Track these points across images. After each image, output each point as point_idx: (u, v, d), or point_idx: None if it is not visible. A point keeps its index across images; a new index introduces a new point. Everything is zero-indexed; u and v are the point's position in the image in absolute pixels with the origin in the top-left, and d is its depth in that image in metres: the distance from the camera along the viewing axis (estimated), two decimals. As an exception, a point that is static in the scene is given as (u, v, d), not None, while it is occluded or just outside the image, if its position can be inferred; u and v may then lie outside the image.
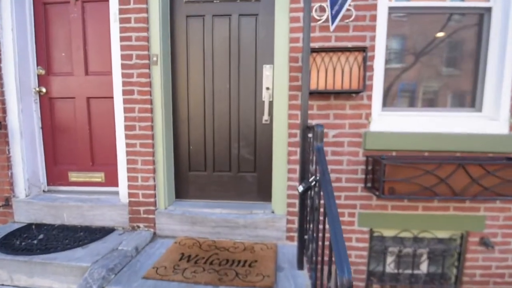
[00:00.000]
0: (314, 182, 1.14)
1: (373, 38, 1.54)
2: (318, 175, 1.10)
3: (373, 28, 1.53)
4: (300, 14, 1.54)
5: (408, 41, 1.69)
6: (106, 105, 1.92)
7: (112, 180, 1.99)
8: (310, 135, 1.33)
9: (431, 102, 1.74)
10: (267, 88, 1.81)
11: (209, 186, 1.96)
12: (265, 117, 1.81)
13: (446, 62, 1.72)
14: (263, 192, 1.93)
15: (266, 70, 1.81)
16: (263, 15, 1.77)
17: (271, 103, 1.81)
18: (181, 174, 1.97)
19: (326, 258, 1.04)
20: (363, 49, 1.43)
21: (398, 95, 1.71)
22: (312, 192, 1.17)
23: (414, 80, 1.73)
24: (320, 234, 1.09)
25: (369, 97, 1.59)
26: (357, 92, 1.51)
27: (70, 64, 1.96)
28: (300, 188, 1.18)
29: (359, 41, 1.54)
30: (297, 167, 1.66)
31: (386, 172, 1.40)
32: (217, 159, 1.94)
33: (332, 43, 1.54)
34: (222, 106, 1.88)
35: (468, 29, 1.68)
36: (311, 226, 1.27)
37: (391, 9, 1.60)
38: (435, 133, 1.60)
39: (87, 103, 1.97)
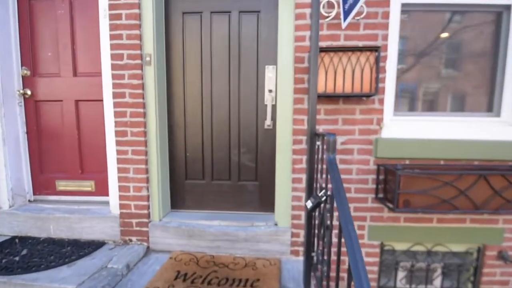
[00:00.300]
0: (324, 197, 1.02)
1: (385, 37, 1.41)
2: (329, 189, 0.98)
3: (385, 26, 1.41)
4: (307, 11, 1.41)
5: (420, 40, 1.57)
6: (96, 108, 1.78)
7: (103, 189, 1.85)
8: (318, 143, 1.21)
9: (445, 106, 1.62)
10: (270, 91, 1.68)
11: (207, 195, 1.83)
12: (268, 121, 1.69)
13: (460, 63, 1.60)
14: (265, 202, 1.80)
15: (269, 71, 1.68)
16: (265, 12, 1.64)
17: (274, 107, 1.68)
18: (177, 183, 1.84)
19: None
20: (375, 49, 1.31)
21: (410, 98, 1.59)
22: (322, 209, 1.04)
23: (427, 82, 1.61)
24: (334, 257, 0.97)
25: (381, 101, 1.46)
26: (368, 96, 1.39)
27: (57, 65, 1.81)
28: (309, 204, 1.05)
29: (371, 40, 1.41)
30: (303, 176, 1.53)
31: (401, 183, 1.28)
32: (216, 166, 1.81)
33: (341, 42, 1.42)
34: (221, 109, 1.75)
35: (484, 28, 1.56)
36: (320, 243, 1.14)
37: (404, 6, 1.48)
38: (450, 140, 1.48)
39: (76, 106, 1.83)
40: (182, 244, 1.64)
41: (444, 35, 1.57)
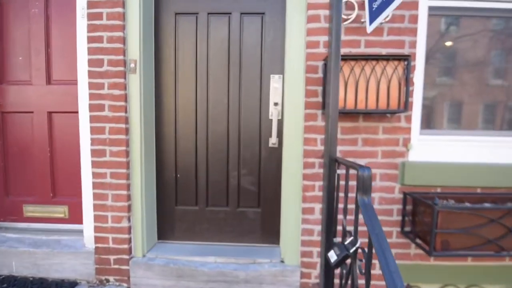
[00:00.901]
0: (354, 249, 0.77)
1: (413, 44, 1.21)
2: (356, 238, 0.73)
3: (413, 32, 1.20)
4: (321, 12, 1.20)
5: (450, 48, 1.37)
6: (72, 121, 1.52)
7: (78, 216, 1.57)
8: (339, 171, 0.98)
9: (480, 124, 1.40)
10: (276, 104, 1.45)
11: (201, 224, 1.57)
12: (273, 139, 1.45)
13: (498, 74, 1.40)
14: (269, 233, 1.54)
15: (275, 82, 1.46)
16: (271, 14, 1.43)
17: (280, 122, 1.45)
18: (166, 209, 1.57)
19: None
20: (404, 58, 1.09)
21: (440, 114, 1.38)
22: (351, 265, 0.79)
23: (458, 96, 1.40)
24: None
25: (408, 118, 1.24)
26: (394, 113, 1.16)
27: (28, 71, 1.56)
28: (332, 257, 0.80)
29: (396, 47, 1.20)
30: (316, 206, 1.29)
31: (439, 221, 1.04)
32: (212, 190, 1.55)
33: (362, 49, 1.21)
34: (219, 124, 1.51)
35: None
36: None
37: (432, 10, 1.29)
38: (491, 164, 1.26)
39: (49, 118, 1.57)
40: (169, 286, 1.36)
41: (478, 43, 1.37)
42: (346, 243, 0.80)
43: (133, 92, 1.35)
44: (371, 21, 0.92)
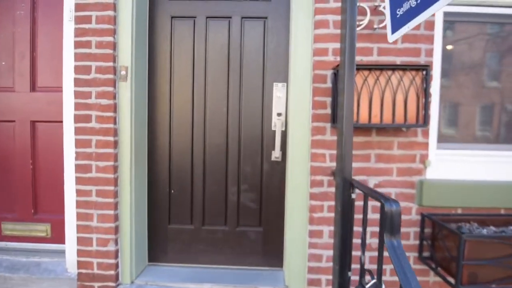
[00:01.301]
0: (375, 294, 0.64)
1: (429, 53, 1.11)
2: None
3: (429, 39, 1.10)
4: (330, 17, 1.10)
5: (466, 56, 1.28)
6: (58, 131, 1.39)
7: (61, 235, 1.42)
8: (354, 195, 0.86)
9: (504, 138, 1.29)
10: (279, 114, 1.34)
11: (197, 245, 1.42)
12: (276, 152, 1.33)
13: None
14: (272, 255, 1.41)
15: (278, 90, 1.35)
16: (274, 18, 1.34)
17: (284, 134, 1.34)
18: (158, 228, 1.43)
19: None
20: (422, 68, 0.99)
21: (459, 127, 1.27)
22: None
23: (478, 107, 1.29)
24: None
25: (425, 132, 1.13)
26: (412, 127, 1.05)
27: (11, 77, 1.44)
28: (350, 302, 0.67)
29: (412, 55, 1.10)
30: (325, 229, 1.16)
31: (467, 252, 0.92)
32: (209, 208, 1.42)
33: (374, 58, 1.10)
34: (217, 136, 1.39)
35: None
36: None
37: (447, 16, 1.20)
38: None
39: (32, 128, 1.44)
40: (160, 318, 1.22)
41: (499, 50, 1.28)
42: (367, 287, 0.68)
43: (124, 102, 1.23)
44: (393, 30, 0.81)
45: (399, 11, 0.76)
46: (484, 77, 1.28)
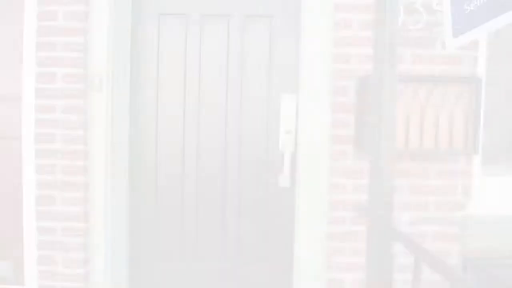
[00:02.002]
0: None
1: (475, 61, 0.91)
2: None
3: (475, 45, 0.90)
4: (354, 16, 0.89)
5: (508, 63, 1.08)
6: (16, 150, 1.15)
7: (23, 275, 1.18)
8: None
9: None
10: (288, 132, 1.13)
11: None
12: (285, 177, 1.11)
13: None
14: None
15: (286, 103, 1.13)
16: (282, 17, 1.12)
17: (293, 156, 1.12)
18: (141, 268, 1.18)
19: None
20: (473, 81, 0.79)
21: (507, 148, 1.07)
22: None
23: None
24: None
25: (469, 158, 0.93)
26: (460, 154, 0.85)
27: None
28: None
29: (453, 64, 0.90)
30: (346, 277, 0.94)
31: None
32: (202, 243, 1.18)
33: (407, 66, 0.90)
34: (213, 157, 1.16)
35: None
36: None
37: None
38: None
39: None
40: None
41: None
42: None
43: (96, 117, 1.00)
44: (457, 32, 0.59)
45: (468, 5, 0.55)
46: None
